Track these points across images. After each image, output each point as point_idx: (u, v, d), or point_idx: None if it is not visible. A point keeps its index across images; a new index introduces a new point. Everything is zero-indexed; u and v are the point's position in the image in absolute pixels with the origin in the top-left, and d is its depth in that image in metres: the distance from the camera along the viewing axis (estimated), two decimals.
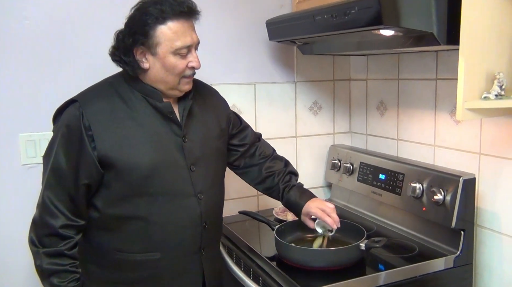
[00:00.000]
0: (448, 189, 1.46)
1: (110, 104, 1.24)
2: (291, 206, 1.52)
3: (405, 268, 1.39)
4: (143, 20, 1.19)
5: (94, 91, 1.29)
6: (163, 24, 1.19)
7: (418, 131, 1.76)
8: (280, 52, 1.96)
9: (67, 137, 1.21)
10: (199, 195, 1.31)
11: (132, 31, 1.21)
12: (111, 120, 1.22)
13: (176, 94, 1.30)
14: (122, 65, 1.25)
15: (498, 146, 1.46)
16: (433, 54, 1.65)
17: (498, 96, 1.19)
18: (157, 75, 1.24)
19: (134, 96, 1.27)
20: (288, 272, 1.36)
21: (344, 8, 1.28)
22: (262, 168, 1.55)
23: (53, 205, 1.20)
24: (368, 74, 2.01)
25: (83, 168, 1.20)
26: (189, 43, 1.23)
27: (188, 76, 1.27)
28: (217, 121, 1.42)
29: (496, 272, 1.49)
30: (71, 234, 1.22)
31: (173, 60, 1.22)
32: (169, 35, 1.20)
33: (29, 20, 1.55)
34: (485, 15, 1.17)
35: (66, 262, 1.20)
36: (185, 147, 1.29)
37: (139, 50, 1.22)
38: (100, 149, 1.20)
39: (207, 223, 1.33)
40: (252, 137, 1.58)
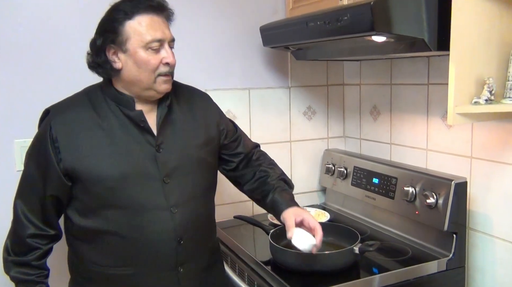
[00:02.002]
0: (440, 193, 1.47)
1: (80, 114, 1.21)
2: (274, 203, 1.38)
3: (398, 271, 1.40)
4: (112, 17, 1.17)
5: (67, 101, 1.27)
6: (132, 19, 1.16)
7: (411, 135, 1.78)
8: (274, 58, 1.98)
9: (37, 148, 1.22)
10: (173, 209, 1.23)
11: (102, 30, 1.19)
12: (78, 131, 1.19)
13: (153, 95, 1.24)
14: (96, 69, 1.22)
15: (489, 150, 1.48)
16: (425, 60, 1.67)
17: (488, 101, 1.21)
18: (131, 74, 1.19)
19: (107, 104, 1.23)
20: (283, 276, 1.37)
21: (336, 15, 1.29)
22: (256, 171, 1.45)
23: (22, 214, 1.21)
24: (361, 79, 2.03)
25: (49, 180, 1.19)
26: (159, 36, 1.17)
27: (164, 74, 1.21)
28: (203, 129, 1.34)
29: (489, 275, 1.51)
30: (39, 244, 1.22)
31: (145, 55, 1.17)
32: (138, 29, 1.16)
33: (22, 26, 1.56)
34: (474, 21, 1.20)
35: (32, 272, 1.22)
36: (158, 157, 1.22)
37: (110, 49, 1.18)
38: (65, 161, 1.17)
39: (182, 238, 1.24)
40: (249, 146, 1.50)
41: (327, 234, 1.59)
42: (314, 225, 1.28)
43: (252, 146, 1.52)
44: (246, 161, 1.48)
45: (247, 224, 1.75)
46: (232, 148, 1.45)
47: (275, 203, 1.38)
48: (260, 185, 1.43)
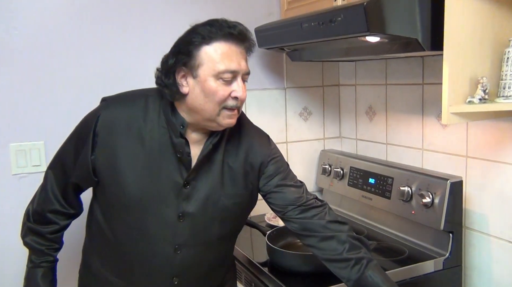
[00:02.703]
0: (436, 192, 1.48)
1: (130, 116, 1.15)
2: None
3: (395, 271, 1.40)
4: (189, 39, 1.09)
5: (125, 97, 1.21)
6: (209, 45, 1.07)
7: (406, 135, 1.79)
8: (270, 59, 1.98)
9: (79, 132, 1.21)
10: (177, 248, 1.16)
11: (176, 51, 1.10)
12: (121, 134, 1.14)
13: (215, 127, 1.14)
14: (162, 89, 1.13)
15: (484, 149, 1.49)
16: (419, 60, 1.68)
17: (482, 100, 1.21)
18: (195, 101, 1.10)
19: (158, 119, 1.15)
20: (280, 277, 1.37)
21: (330, 16, 1.30)
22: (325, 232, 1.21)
23: (50, 188, 1.22)
24: (356, 79, 2.04)
25: (78, 167, 1.17)
26: (234, 68, 1.08)
27: (230, 108, 1.11)
28: (242, 178, 1.21)
29: (485, 273, 1.51)
30: (58, 219, 1.23)
31: (214, 84, 1.08)
32: (212, 56, 1.07)
33: (18, 30, 1.56)
34: (467, 21, 1.20)
35: (45, 243, 1.23)
36: (183, 192, 1.15)
37: (181, 72, 1.10)
38: (97, 159, 1.14)
39: (179, 278, 1.19)
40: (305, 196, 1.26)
41: None
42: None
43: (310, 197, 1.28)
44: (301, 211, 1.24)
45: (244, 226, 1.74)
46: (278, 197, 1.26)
47: None
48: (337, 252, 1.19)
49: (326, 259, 1.21)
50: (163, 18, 1.76)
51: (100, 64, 1.68)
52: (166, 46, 1.23)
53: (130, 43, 1.72)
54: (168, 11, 1.77)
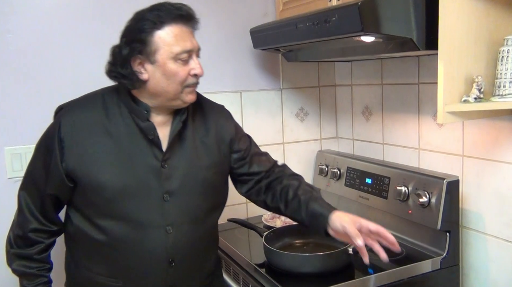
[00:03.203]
0: (433, 192, 1.48)
1: (91, 117, 1.18)
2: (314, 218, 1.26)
3: (393, 271, 1.40)
4: (139, 26, 1.12)
5: (81, 101, 1.23)
6: (161, 29, 1.11)
7: (403, 134, 1.78)
8: (265, 60, 1.98)
9: (45, 143, 1.20)
10: (168, 228, 1.19)
11: (129, 40, 1.13)
12: (86, 134, 1.16)
13: (179, 104, 1.20)
14: (120, 80, 1.16)
15: (480, 147, 1.49)
16: (415, 59, 1.68)
17: (477, 99, 1.21)
18: (158, 86, 1.14)
19: (120, 112, 1.18)
20: (278, 278, 1.37)
21: (324, 16, 1.30)
22: (280, 188, 1.34)
23: (27, 208, 1.20)
24: (352, 79, 2.04)
25: (50, 178, 1.18)
26: (189, 47, 1.15)
27: (191, 85, 1.18)
28: (214, 148, 1.28)
29: (482, 273, 1.51)
30: (41, 238, 1.22)
31: (174, 66, 1.13)
32: (167, 40, 1.11)
33: (12, 33, 1.55)
34: (462, 20, 1.20)
35: (34, 265, 1.21)
36: (162, 173, 1.18)
37: (137, 60, 1.13)
38: (68, 163, 1.15)
39: (174, 260, 1.21)
40: (267, 164, 1.39)
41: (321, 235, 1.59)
42: (376, 229, 1.19)
43: (271, 164, 1.41)
44: (266, 181, 1.37)
45: (241, 227, 1.74)
46: (246, 168, 1.36)
47: (314, 214, 1.26)
48: (288, 201, 1.31)
49: (287, 209, 1.32)
50: None
51: (96, 66, 1.65)
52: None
53: None
54: None
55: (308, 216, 1.27)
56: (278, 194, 1.34)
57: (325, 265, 1.39)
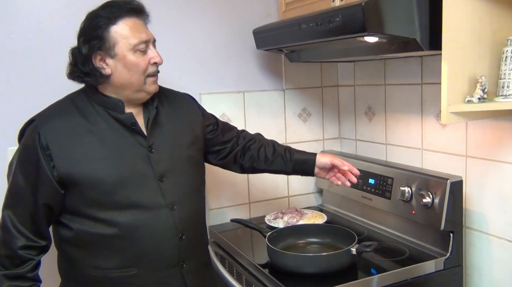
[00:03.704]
0: (436, 192, 1.47)
1: (69, 121, 1.21)
2: (301, 164, 1.52)
3: (396, 272, 1.40)
4: (95, 24, 1.18)
5: (53, 109, 1.26)
6: (116, 24, 1.18)
7: (406, 135, 1.78)
8: (268, 60, 1.98)
9: (24, 158, 1.20)
10: (171, 206, 1.26)
11: (87, 39, 1.18)
12: (70, 137, 1.19)
13: (143, 96, 1.27)
14: (84, 79, 1.22)
15: (483, 148, 1.48)
16: (418, 59, 1.68)
17: (481, 99, 1.21)
18: (121, 78, 1.21)
19: (95, 110, 1.23)
20: (281, 279, 1.36)
21: (328, 16, 1.30)
22: (256, 147, 1.54)
23: (13, 226, 1.19)
24: (355, 80, 2.04)
25: (41, 189, 1.18)
26: (145, 38, 1.21)
27: (152, 74, 1.25)
28: (189, 129, 1.38)
29: (486, 273, 1.51)
30: (31, 255, 1.20)
31: (134, 57, 1.20)
32: (124, 33, 1.18)
33: (15, 34, 1.56)
34: (465, 20, 1.20)
35: (27, 284, 1.20)
36: (152, 157, 1.26)
37: (97, 56, 1.19)
38: (59, 167, 1.17)
39: (183, 234, 1.28)
40: (235, 130, 1.57)
41: (324, 235, 1.59)
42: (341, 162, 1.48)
43: (238, 130, 1.59)
44: (239, 147, 1.54)
45: (244, 227, 1.74)
46: (220, 137, 1.51)
47: (299, 161, 1.52)
48: (269, 158, 1.52)
49: (268, 164, 1.53)
50: (163, 19, 1.75)
51: None
52: (167, 47, 1.25)
53: None
54: (168, 12, 1.77)
55: (295, 164, 1.52)
56: (256, 155, 1.53)
57: (328, 265, 1.38)
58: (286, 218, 1.83)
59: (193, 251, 1.33)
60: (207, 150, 1.49)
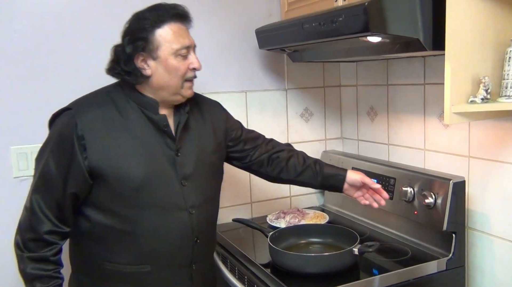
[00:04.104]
0: (439, 192, 1.47)
1: (105, 114, 1.24)
2: (330, 178, 1.49)
3: (398, 272, 1.40)
4: (141, 26, 1.22)
5: (90, 100, 1.28)
6: (161, 28, 1.22)
7: (408, 135, 1.78)
8: (270, 60, 1.98)
9: (59, 145, 1.21)
10: (191, 210, 1.29)
11: (131, 39, 1.22)
12: (105, 130, 1.22)
13: (179, 99, 1.30)
14: (123, 77, 1.25)
15: (486, 148, 1.48)
16: (421, 60, 1.67)
17: (484, 99, 1.21)
18: (160, 80, 1.24)
19: (130, 106, 1.26)
20: (283, 279, 1.36)
21: (331, 16, 1.30)
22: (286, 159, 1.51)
23: (40, 210, 1.20)
24: (357, 80, 2.03)
25: (72, 177, 1.20)
26: (187, 43, 1.25)
27: (190, 79, 1.29)
28: (213, 135, 1.41)
29: (488, 274, 1.51)
30: (56, 240, 1.22)
31: (175, 61, 1.23)
32: (168, 37, 1.22)
33: (17, 33, 1.56)
34: (469, 21, 1.20)
35: (50, 267, 1.21)
36: (177, 161, 1.28)
37: (140, 57, 1.22)
38: (91, 159, 1.20)
39: (198, 238, 1.32)
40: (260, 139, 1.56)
41: (326, 235, 1.59)
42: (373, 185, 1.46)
43: (263, 138, 1.57)
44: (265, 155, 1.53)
45: (246, 227, 1.74)
46: (241, 145, 1.51)
47: (329, 176, 1.49)
48: (299, 171, 1.51)
49: (296, 175, 1.51)
50: None
51: (102, 66, 1.67)
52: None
53: None
54: None
55: (324, 178, 1.49)
56: (284, 165, 1.51)
57: (330, 265, 1.38)
58: (288, 218, 1.83)
59: (204, 254, 1.38)
60: (228, 156, 1.51)
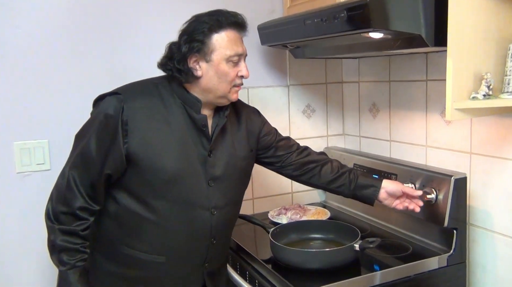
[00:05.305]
0: (440, 189, 1.47)
1: (151, 104, 1.27)
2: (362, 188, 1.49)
3: (399, 268, 1.40)
4: (200, 29, 1.25)
5: (138, 88, 1.31)
6: (218, 33, 1.25)
7: (410, 132, 1.78)
8: (273, 56, 1.98)
9: (104, 126, 1.23)
10: (213, 211, 1.32)
11: (188, 40, 1.25)
12: (148, 120, 1.25)
13: (224, 102, 1.33)
14: (174, 73, 1.28)
15: (488, 145, 1.48)
16: (423, 56, 1.67)
17: (486, 96, 1.20)
18: (209, 83, 1.28)
19: (174, 101, 1.30)
20: (284, 274, 1.37)
21: (333, 12, 1.30)
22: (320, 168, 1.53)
23: (75, 186, 1.22)
24: (360, 76, 2.03)
25: (110, 159, 1.23)
26: (240, 51, 1.28)
27: (238, 85, 1.31)
28: (247, 141, 1.44)
29: (489, 270, 1.51)
30: (86, 215, 1.24)
31: (226, 67, 1.27)
32: (223, 43, 1.25)
33: (20, 28, 1.56)
34: (471, 17, 1.20)
35: (78, 241, 1.23)
36: (208, 161, 1.32)
37: (193, 58, 1.26)
38: (131, 144, 1.23)
39: (215, 238, 1.35)
40: (293, 146, 1.56)
41: (327, 231, 1.60)
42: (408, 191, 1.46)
43: (296, 145, 1.58)
44: (297, 162, 1.53)
45: (247, 223, 1.75)
46: (272, 151, 1.52)
47: (363, 186, 1.49)
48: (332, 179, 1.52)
49: (328, 182, 1.52)
50: (166, 15, 1.76)
51: (105, 61, 1.68)
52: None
53: (134, 40, 1.72)
54: (172, 8, 1.77)
55: (357, 188, 1.50)
56: (318, 173, 1.52)
57: (332, 261, 1.39)
58: (290, 214, 1.84)
59: (218, 254, 1.41)
60: (260, 160, 1.54)
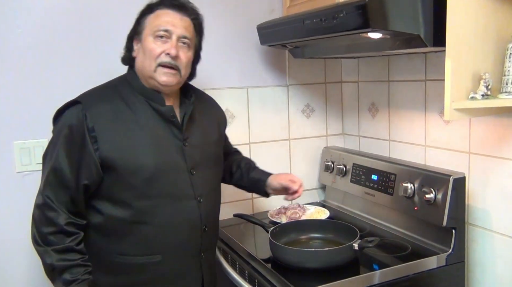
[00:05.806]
0: (439, 188, 1.48)
1: (114, 107, 1.25)
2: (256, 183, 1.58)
3: (398, 267, 1.41)
4: (141, 12, 1.30)
5: (97, 94, 1.30)
6: (152, 13, 1.28)
7: (409, 131, 1.78)
8: (272, 56, 1.98)
9: (69, 138, 1.21)
10: (199, 198, 1.32)
11: (133, 25, 1.31)
12: (114, 122, 1.24)
13: (156, 85, 1.28)
14: (125, 61, 1.33)
15: (486, 145, 1.48)
16: (422, 56, 1.68)
17: (485, 96, 1.21)
18: (139, 61, 1.28)
19: (137, 99, 1.28)
20: (283, 273, 1.37)
21: (332, 12, 1.30)
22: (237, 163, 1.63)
23: (57, 203, 1.20)
24: (359, 76, 2.04)
25: (84, 168, 1.21)
26: (167, 27, 1.25)
27: (164, 64, 1.25)
28: (216, 127, 1.46)
29: (488, 269, 1.52)
30: (75, 230, 1.22)
31: (152, 43, 1.25)
32: (151, 19, 1.27)
33: (20, 28, 1.56)
34: (470, 17, 1.20)
35: (76, 257, 1.20)
36: (185, 150, 1.31)
37: (135, 40, 1.29)
38: (102, 150, 1.21)
39: (206, 226, 1.35)
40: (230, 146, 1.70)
41: (326, 231, 1.60)
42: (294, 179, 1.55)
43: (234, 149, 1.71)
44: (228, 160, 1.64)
45: (247, 222, 1.75)
46: (224, 147, 1.58)
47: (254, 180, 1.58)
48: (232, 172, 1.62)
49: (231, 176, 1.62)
50: None
51: (104, 61, 1.68)
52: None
53: None
54: None
55: (250, 182, 1.57)
56: (228, 167, 1.61)
57: (331, 260, 1.39)
58: (289, 213, 1.84)
59: (211, 243, 1.42)
60: None
